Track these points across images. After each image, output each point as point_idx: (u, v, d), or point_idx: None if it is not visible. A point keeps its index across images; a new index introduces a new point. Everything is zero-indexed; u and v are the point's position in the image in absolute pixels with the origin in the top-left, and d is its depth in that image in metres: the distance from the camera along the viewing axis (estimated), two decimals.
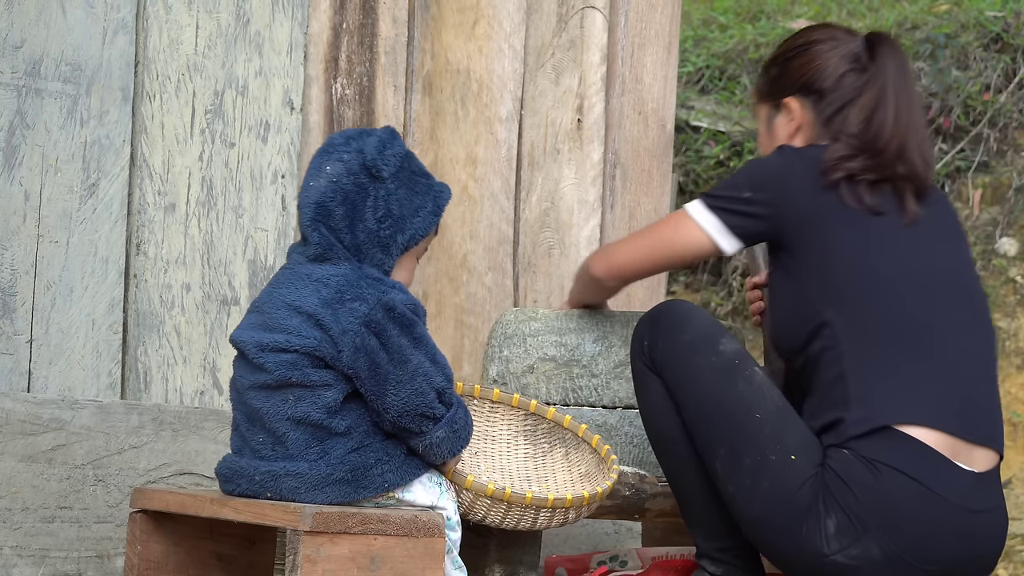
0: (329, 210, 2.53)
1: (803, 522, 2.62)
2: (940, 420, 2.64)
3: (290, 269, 2.57)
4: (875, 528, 2.60)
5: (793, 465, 2.64)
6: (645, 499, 2.96)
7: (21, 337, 2.93)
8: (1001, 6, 6.07)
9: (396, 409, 2.45)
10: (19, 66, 2.93)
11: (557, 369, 3.02)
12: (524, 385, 3.05)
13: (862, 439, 2.62)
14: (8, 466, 2.86)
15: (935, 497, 2.60)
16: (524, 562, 2.79)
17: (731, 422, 2.69)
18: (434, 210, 2.59)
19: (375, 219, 2.54)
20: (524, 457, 2.93)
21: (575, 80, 3.78)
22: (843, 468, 2.62)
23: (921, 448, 2.62)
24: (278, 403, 2.48)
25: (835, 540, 2.61)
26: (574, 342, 3.03)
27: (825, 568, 2.63)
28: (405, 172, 2.58)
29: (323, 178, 2.55)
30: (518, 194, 3.69)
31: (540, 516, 2.65)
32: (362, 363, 2.45)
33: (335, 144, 2.59)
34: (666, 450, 2.82)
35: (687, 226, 2.81)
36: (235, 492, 2.51)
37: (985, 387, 2.73)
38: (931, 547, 2.62)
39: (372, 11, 3.42)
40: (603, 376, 3.01)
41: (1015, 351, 5.04)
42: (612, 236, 3.83)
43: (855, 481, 2.61)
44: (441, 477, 2.57)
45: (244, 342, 2.52)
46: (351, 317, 2.47)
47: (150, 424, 3.02)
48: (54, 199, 2.98)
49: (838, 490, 2.61)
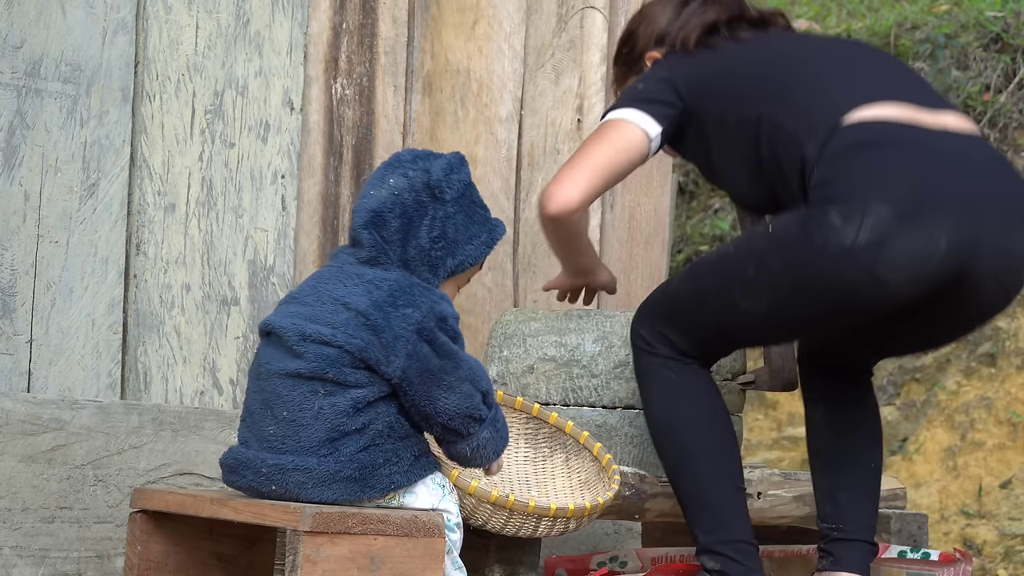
0: (385, 220, 2.55)
1: (812, 236, 2.59)
2: (890, 95, 2.70)
3: (338, 267, 2.57)
4: (872, 196, 2.56)
5: (777, 225, 2.70)
6: (645, 499, 2.97)
7: (21, 337, 2.93)
8: (1001, 6, 6.07)
9: (447, 412, 2.48)
10: (19, 66, 2.93)
11: (557, 369, 3.02)
12: (524, 385, 3.05)
13: (827, 147, 2.65)
14: (8, 466, 2.86)
15: (917, 142, 2.64)
16: (524, 563, 2.79)
17: (719, 265, 2.79)
18: (487, 241, 2.62)
19: (429, 238, 2.56)
20: (524, 460, 2.93)
21: (575, 80, 3.78)
22: (822, 176, 2.63)
23: (886, 122, 2.66)
24: (306, 393, 2.47)
25: (847, 227, 2.55)
26: (574, 342, 3.03)
27: (859, 261, 2.56)
28: (466, 199, 2.61)
29: (384, 189, 2.58)
30: (518, 194, 3.69)
31: (541, 524, 2.65)
32: (414, 370, 2.47)
33: (402, 160, 2.62)
34: (668, 441, 2.82)
35: (618, 127, 2.84)
36: (239, 483, 2.51)
37: (917, 82, 2.81)
38: (933, 184, 2.60)
39: (372, 11, 3.42)
40: (603, 376, 3.01)
41: (1015, 351, 5.04)
42: (612, 236, 3.83)
43: (835, 177, 2.60)
44: (444, 479, 2.57)
45: (284, 327, 2.50)
46: (404, 323, 2.48)
47: (150, 424, 3.02)
48: (54, 199, 2.97)
49: (824, 193, 2.60)
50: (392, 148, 3.43)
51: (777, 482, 3.18)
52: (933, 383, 5.10)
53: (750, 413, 5.35)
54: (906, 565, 3.14)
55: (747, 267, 2.71)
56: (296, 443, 2.47)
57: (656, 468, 2.99)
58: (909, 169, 2.62)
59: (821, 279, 2.62)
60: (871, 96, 2.70)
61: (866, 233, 2.55)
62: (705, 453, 2.83)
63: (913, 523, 3.26)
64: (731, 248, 2.79)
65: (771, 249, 2.68)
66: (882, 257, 2.56)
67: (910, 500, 4.71)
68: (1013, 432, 4.85)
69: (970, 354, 5.13)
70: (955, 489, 4.80)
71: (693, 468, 2.82)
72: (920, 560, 3.15)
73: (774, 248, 2.68)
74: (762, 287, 2.69)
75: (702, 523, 2.83)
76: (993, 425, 4.90)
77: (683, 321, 2.82)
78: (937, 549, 3.75)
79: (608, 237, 3.81)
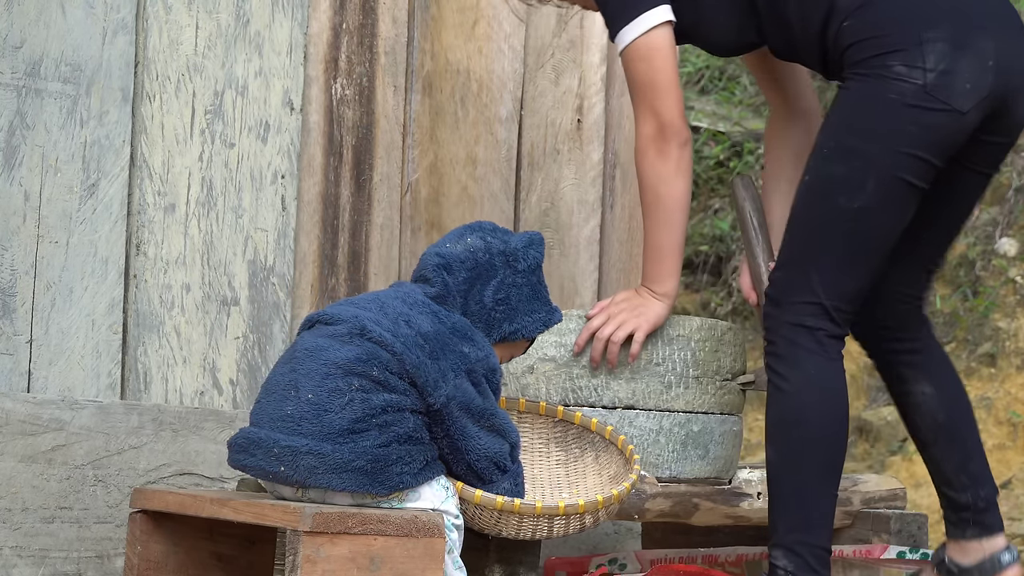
0: (454, 269, 2.64)
1: (884, 92, 2.72)
2: None
3: (404, 293, 2.63)
4: (925, 36, 2.72)
5: (840, 112, 2.81)
6: (645, 499, 2.97)
7: (21, 337, 2.93)
8: None
9: (476, 452, 2.55)
10: (19, 66, 2.93)
11: (557, 369, 3.02)
12: (524, 386, 3.05)
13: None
14: (8, 466, 2.86)
15: None
16: (524, 563, 2.79)
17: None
18: (545, 320, 2.72)
19: (494, 299, 2.65)
20: (556, 464, 2.94)
21: (575, 80, 3.78)
22: (862, 27, 2.76)
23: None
24: (342, 383, 2.48)
25: (914, 71, 2.71)
26: (574, 342, 3.03)
27: (935, 97, 2.72)
28: (535, 276, 2.70)
29: (461, 245, 2.68)
30: (518, 194, 3.69)
31: (555, 524, 2.65)
32: (456, 403, 2.53)
33: (484, 227, 2.72)
34: (798, 424, 2.78)
35: (650, 41, 2.89)
36: (247, 463, 2.50)
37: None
38: (967, 10, 2.76)
39: (372, 11, 3.42)
40: (603, 376, 3.01)
41: (1015, 351, 5.05)
42: (612, 237, 3.83)
43: (880, 26, 2.74)
44: (448, 481, 2.57)
45: (345, 318, 2.54)
46: (460, 360, 2.55)
47: (150, 424, 3.02)
48: (54, 199, 2.98)
49: (875, 46, 2.73)
50: (392, 148, 3.43)
51: None
52: None
53: (750, 413, 5.35)
54: (906, 566, 3.14)
55: (833, 168, 2.78)
56: (314, 426, 2.47)
57: (656, 468, 2.99)
58: (943, 2, 2.76)
59: (907, 128, 2.73)
60: None
61: (932, 72, 2.70)
62: (828, 450, 2.79)
63: (913, 523, 3.26)
64: (806, 176, 2.83)
65: (843, 134, 2.77)
66: (952, 88, 2.71)
67: (910, 500, 4.70)
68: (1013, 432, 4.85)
69: (970, 354, 5.14)
70: None
71: (810, 460, 2.78)
72: (919, 561, 3.15)
73: (845, 130, 2.77)
74: (860, 174, 2.75)
75: (791, 519, 2.79)
76: (993, 425, 4.90)
77: (816, 269, 2.79)
78: None
79: (608, 237, 3.81)
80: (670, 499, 2.98)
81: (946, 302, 5.29)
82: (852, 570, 3.17)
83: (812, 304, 2.78)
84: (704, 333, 3.04)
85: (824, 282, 2.78)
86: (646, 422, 2.99)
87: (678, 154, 2.91)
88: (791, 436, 2.79)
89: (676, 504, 3.00)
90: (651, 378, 3.00)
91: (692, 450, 3.02)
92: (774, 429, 2.81)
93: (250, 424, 2.56)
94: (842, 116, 2.78)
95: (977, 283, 5.30)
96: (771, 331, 2.82)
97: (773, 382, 2.81)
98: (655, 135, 2.91)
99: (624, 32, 2.90)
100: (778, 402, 2.80)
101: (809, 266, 2.79)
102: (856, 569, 3.17)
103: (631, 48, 2.90)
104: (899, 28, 2.73)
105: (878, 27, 2.75)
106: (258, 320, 3.20)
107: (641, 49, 2.90)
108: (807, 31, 2.86)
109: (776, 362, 2.80)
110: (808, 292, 2.78)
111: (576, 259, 3.77)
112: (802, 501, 2.78)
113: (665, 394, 3.01)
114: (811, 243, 2.81)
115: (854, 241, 2.79)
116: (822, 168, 2.79)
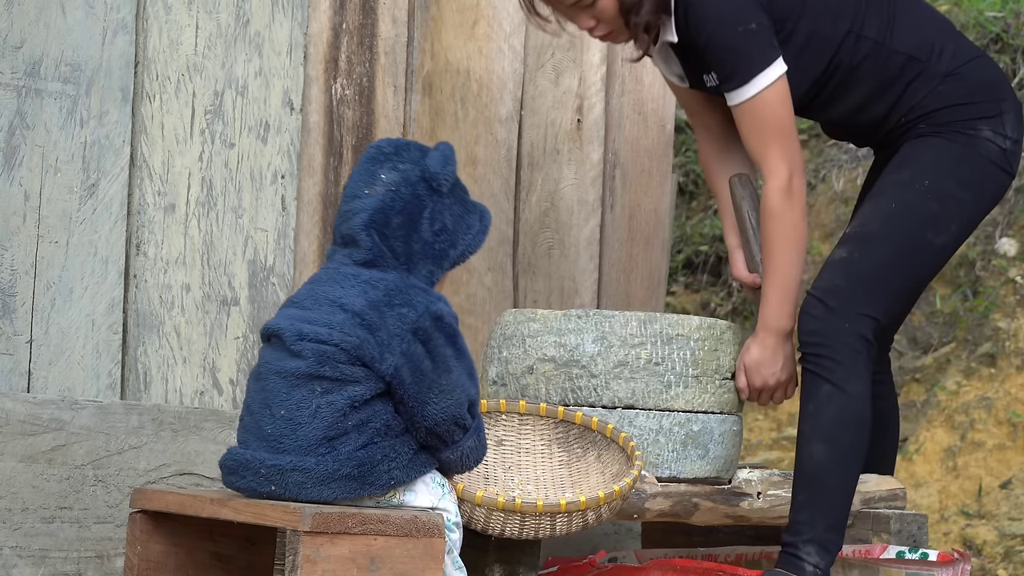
0: (387, 218, 2.55)
1: (975, 150, 3.03)
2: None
3: (334, 269, 2.57)
4: (1001, 104, 3.06)
5: (930, 156, 3.09)
6: (645, 499, 2.97)
7: (21, 337, 2.93)
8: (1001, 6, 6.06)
9: (434, 417, 2.49)
10: (19, 66, 2.93)
11: (557, 370, 3.02)
12: (524, 386, 3.05)
13: (940, 64, 3.07)
14: (8, 466, 2.86)
15: (981, 50, 3.16)
16: (524, 562, 2.79)
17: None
18: (481, 229, 2.64)
19: (431, 231, 2.56)
20: (560, 465, 2.94)
21: (575, 80, 3.78)
22: (952, 93, 3.05)
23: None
24: (304, 393, 2.47)
25: (997, 136, 3.03)
26: (573, 342, 3.03)
27: (1009, 161, 3.05)
28: (459, 189, 2.62)
29: (379, 186, 2.57)
30: (518, 194, 3.69)
31: (558, 522, 2.65)
32: (406, 370, 2.47)
33: (385, 153, 2.61)
34: (845, 434, 2.92)
35: (778, 89, 3.01)
36: (238, 484, 2.51)
37: None
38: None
39: (372, 11, 3.42)
40: (602, 376, 3.01)
41: (1015, 351, 5.04)
42: (612, 237, 3.83)
43: (968, 94, 3.06)
44: (444, 478, 2.57)
45: (282, 328, 2.51)
46: (400, 322, 2.49)
47: (150, 424, 3.02)
48: (54, 199, 2.98)
49: (964, 111, 3.04)
50: None
51: (777, 482, 3.18)
52: (933, 383, 5.10)
53: (750, 413, 5.35)
54: (904, 566, 3.14)
55: (928, 203, 3.00)
56: (294, 442, 2.47)
57: (655, 468, 2.99)
58: (1000, 73, 3.09)
59: (988, 185, 3.04)
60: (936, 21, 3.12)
61: (1010, 139, 3.04)
62: (863, 460, 2.96)
63: (913, 523, 3.26)
64: (892, 204, 3.02)
65: (940, 176, 3.00)
66: (1017, 156, 3.05)
67: (910, 500, 4.71)
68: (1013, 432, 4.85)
69: (970, 354, 5.13)
70: (955, 489, 4.79)
71: (856, 464, 2.93)
72: (919, 561, 3.14)
73: (942, 173, 3.01)
74: (949, 214, 3.00)
75: (832, 519, 2.91)
76: (993, 425, 4.90)
77: (889, 290, 2.99)
78: (937, 549, 3.75)
79: (608, 237, 3.81)
80: (670, 499, 2.98)
81: (946, 302, 5.29)
82: (852, 570, 3.17)
83: (874, 320, 2.96)
84: (704, 332, 3.04)
85: (885, 301, 2.98)
86: (646, 422, 2.99)
87: (803, 196, 3.09)
88: (850, 438, 2.92)
89: (676, 504, 3.00)
90: (651, 378, 3.00)
91: (692, 450, 3.02)
92: (832, 427, 2.93)
93: (237, 443, 2.56)
94: (938, 160, 3.02)
95: (977, 283, 5.30)
96: (830, 336, 2.94)
97: (831, 381, 2.93)
98: (789, 178, 3.04)
99: (761, 76, 3.00)
100: (839, 403, 2.92)
101: (880, 284, 2.97)
102: (856, 569, 3.17)
103: (769, 91, 3.00)
104: (986, 98, 3.04)
105: (970, 95, 3.04)
106: (258, 320, 3.20)
107: (780, 94, 3.02)
108: (879, 95, 3.09)
109: (836, 367, 2.93)
110: (873, 307, 2.95)
111: (576, 259, 3.77)
112: (844, 501, 2.93)
113: (665, 393, 3.01)
114: (888, 264, 2.98)
115: (921, 273, 3.03)
116: (916, 201, 3.00)
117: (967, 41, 3.13)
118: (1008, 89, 3.08)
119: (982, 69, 3.08)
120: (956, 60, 3.06)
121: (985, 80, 3.07)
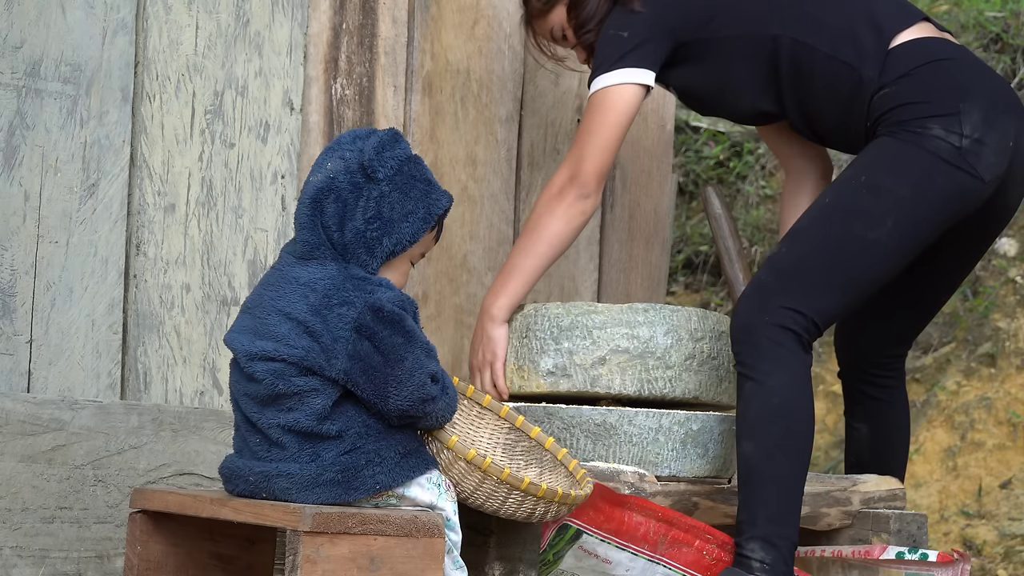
0: (323, 206, 2.53)
1: (921, 147, 2.92)
2: (912, 18, 3.07)
3: (279, 271, 2.56)
4: (961, 105, 2.94)
5: (875, 153, 3.02)
6: (645, 498, 2.96)
7: (21, 337, 2.94)
8: (1001, 6, 6.07)
9: (399, 407, 2.47)
10: (19, 66, 2.93)
11: (631, 360, 3.02)
12: (595, 376, 3.03)
13: (888, 68, 2.98)
14: (8, 466, 2.86)
15: (963, 54, 3.06)
16: (524, 560, 2.79)
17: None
18: (425, 217, 2.57)
19: (364, 219, 2.53)
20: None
21: (575, 80, 3.79)
22: (900, 94, 2.97)
23: (928, 39, 3.04)
24: (270, 413, 2.49)
25: (951, 134, 2.92)
26: (646, 334, 3.02)
27: (965, 161, 2.93)
28: (403, 176, 2.57)
29: (321, 174, 2.56)
30: (518, 194, 3.69)
31: (510, 498, 2.59)
32: (357, 370, 2.45)
33: (341, 142, 2.60)
34: (779, 423, 2.87)
35: (616, 95, 3.00)
36: (234, 492, 2.53)
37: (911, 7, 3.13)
38: (995, 88, 3.02)
39: (372, 11, 3.42)
40: (676, 368, 3.03)
41: (1015, 351, 5.05)
42: (612, 237, 3.83)
43: (919, 93, 2.95)
44: (441, 478, 2.57)
45: (236, 350, 2.53)
46: (341, 323, 2.46)
47: (150, 424, 3.03)
48: (54, 199, 2.98)
49: (914, 111, 2.95)
50: None
51: None
52: (933, 383, 5.10)
53: None
54: (904, 566, 3.14)
55: (860, 198, 2.93)
56: (280, 452, 2.49)
57: (655, 468, 2.99)
58: (976, 76, 3.00)
59: (936, 181, 2.93)
60: (901, 20, 3.06)
61: (968, 138, 2.92)
62: (805, 446, 2.90)
63: (913, 523, 3.26)
64: (827, 199, 2.97)
65: (878, 172, 2.93)
66: (980, 157, 2.94)
67: (910, 500, 4.71)
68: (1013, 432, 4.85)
69: (970, 354, 5.14)
70: (955, 489, 4.79)
71: (792, 458, 2.87)
72: (918, 561, 3.14)
73: (880, 169, 2.94)
74: (883, 209, 2.92)
75: (771, 511, 2.85)
76: (993, 425, 4.90)
77: (809, 283, 2.92)
78: (936, 549, 3.75)
79: (608, 237, 3.81)
80: (669, 498, 2.98)
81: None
82: (851, 570, 3.17)
83: (797, 312, 2.89)
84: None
85: (811, 297, 2.90)
86: (645, 420, 2.99)
87: (572, 202, 3.05)
88: (773, 430, 2.86)
89: (675, 503, 3.00)
90: (711, 371, 3.08)
91: (691, 449, 3.02)
92: (754, 423, 2.88)
93: (233, 450, 2.59)
94: (878, 156, 2.96)
95: (977, 283, 5.30)
96: (751, 330, 2.90)
97: (752, 377, 2.89)
98: (566, 181, 3.05)
99: (600, 78, 3.04)
100: (759, 396, 2.88)
101: (804, 279, 2.91)
102: (855, 569, 3.17)
103: (597, 94, 3.03)
104: (941, 97, 2.95)
105: (922, 95, 2.96)
106: None
107: (605, 99, 3.03)
108: (834, 98, 3.05)
109: (756, 359, 2.88)
110: (795, 301, 2.89)
111: (576, 259, 3.77)
112: (782, 494, 2.86)
113: (718, 387, 3.09)
114: (813, 259, 2.92)
115: (852, 269, 2.92)
116: (849, 195, 2.95)
117: (940, 44, 3.05)
118: (976, 92, 2.97)
119: (946, 71, 3.00)
120: (912, 61, 3.00)
121: (945, 81, 2.98)
